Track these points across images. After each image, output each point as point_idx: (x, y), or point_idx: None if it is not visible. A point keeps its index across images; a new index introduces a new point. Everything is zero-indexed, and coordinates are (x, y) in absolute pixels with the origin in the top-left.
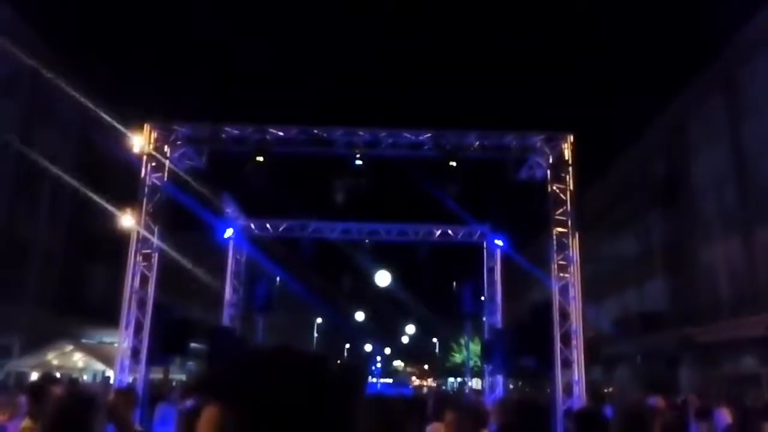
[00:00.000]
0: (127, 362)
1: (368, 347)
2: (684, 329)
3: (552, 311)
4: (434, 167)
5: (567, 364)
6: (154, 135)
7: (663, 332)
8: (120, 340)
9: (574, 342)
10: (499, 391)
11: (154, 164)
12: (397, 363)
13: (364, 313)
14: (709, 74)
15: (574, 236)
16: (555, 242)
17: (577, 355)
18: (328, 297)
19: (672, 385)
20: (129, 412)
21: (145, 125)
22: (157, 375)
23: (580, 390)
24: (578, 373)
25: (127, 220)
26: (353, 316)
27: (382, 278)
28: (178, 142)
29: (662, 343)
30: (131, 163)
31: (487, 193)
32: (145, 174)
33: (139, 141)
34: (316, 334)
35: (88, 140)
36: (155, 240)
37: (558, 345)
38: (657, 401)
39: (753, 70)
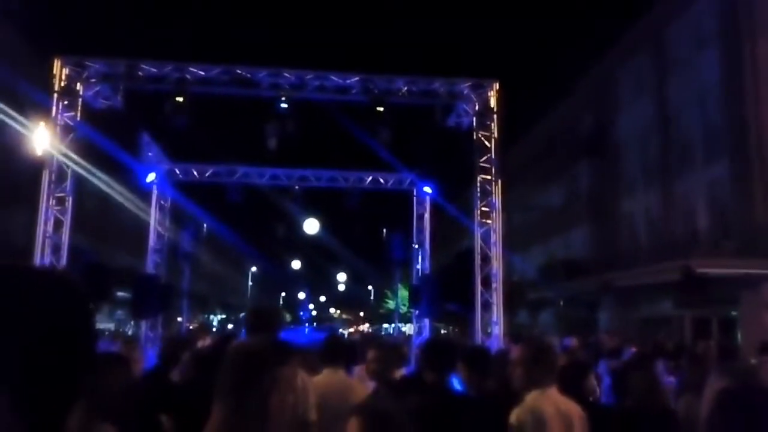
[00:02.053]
0: None
1: (302, 295)
2: (604, 275)
3: (474, 256)
4: (362, 112)
5: (487, 306)
6: (65, 71)
7: (585, 278)
8: None
9: (494, 285)
10: (426, 334)
11: (66, 102)
12: (333, 310)
13: (299, 261)
14: (638, 29)
15: (497, 183)
16: (479, 189)
17: (497, 298)
18: (261, 245)
19: (591, 327)
20: None
21: (55, 60)
22: None
23: (499, 330)
24: (497, 314)
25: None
26: (288, 264)
27: (311, 226)
28: (92, 80)
29: (584, 288)
30: (44, 103)
31: (416, 140)
32: (57, 113)
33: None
34: (250, 283)
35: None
36: (68, 183)
37: (479, 288)
38: (571, 341)
39: (680, 26)
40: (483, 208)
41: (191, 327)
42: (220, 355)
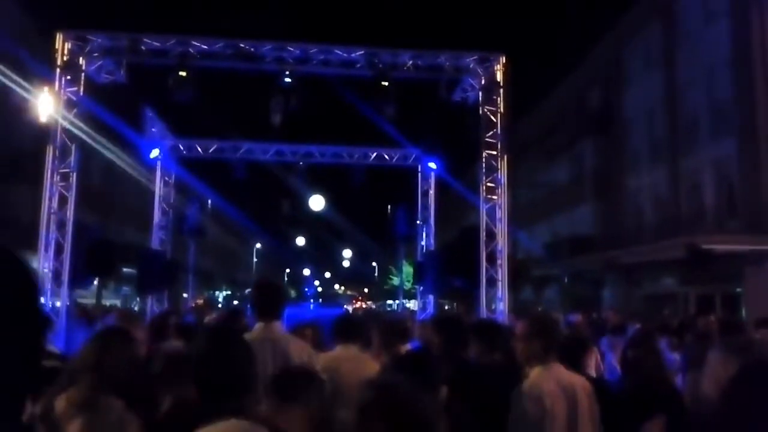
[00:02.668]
0: (48, 285)
1: (307, 272)
2: (609, 252)
3: (479, 233)
4: (367, 87)
5: (492, 282)
6: (67, 45)
7: (590, 255)
8: (39, 263)
9: (499, 262)
10: (430, 311)
11: (68, 77)
12: (337, 287)
13: (304, 237)
14: (647, 3)
15: (502, 159)
16: (484, 165)
17: (502, 274)
18: (266, 221)
19: (595, 304)
20: None
21: (57, 34)
22: (89, 300)
23: (504, 307)
24: (502, 290)
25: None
26: (293, 240)
27: (316, 202)
28: (95, 54)
29: (588, 265)
30: (47, 77)
31: (421, 115)
32: (59, 87)
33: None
34: (255, 259)
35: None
36: (73, 158)
37: (484, 264)
38: (576, 317)
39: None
40: (488, 184)
41: (196, 303)
42: (230, 328)
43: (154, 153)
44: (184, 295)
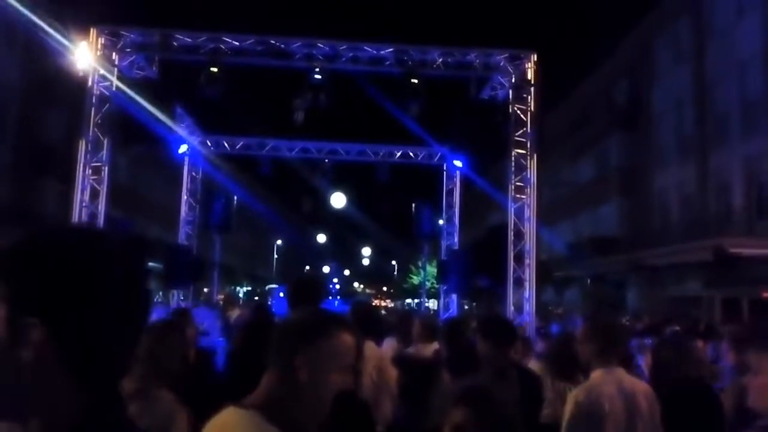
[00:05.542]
0: None
1: (326, 269)
2: (634, 253)
3: (507, 232)
4: (395, 84)
5: (519, 282)
6: (101, 41)
7: (613, 255)
8: None
9: (527, 261)
10: (453, 310)
11: (102, 73)
12: (357, 285)
13: (325, 235)
14: None
15: (532, 158)
16: (513, 163)
17: (529, 274)
18: (288, 218)
19: (618, 306)
20: None
21: (92, 30)
22: None
23: (530, 307)
24: (529, 291)
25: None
26: (313, 238)
27: (337, 200)
28: (127, 50)
29: (612, 266)
30: (79, 73)
31: (448, 113)
32: (92, 83)
33: (86, 48)
34: (276, 256)
35: (34, 47)
36: (104, 152)
37: (511, 264)
38: None
39: None
40: (517, 183)
41: (219, 299)
42: (264, 323)
43: (183, 149)
44: (205, 290)
